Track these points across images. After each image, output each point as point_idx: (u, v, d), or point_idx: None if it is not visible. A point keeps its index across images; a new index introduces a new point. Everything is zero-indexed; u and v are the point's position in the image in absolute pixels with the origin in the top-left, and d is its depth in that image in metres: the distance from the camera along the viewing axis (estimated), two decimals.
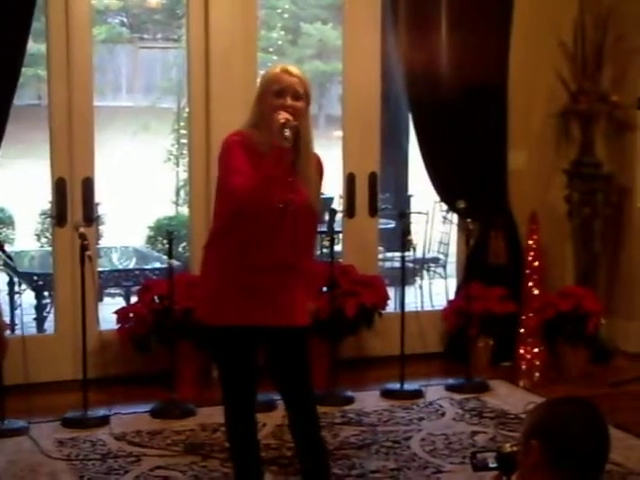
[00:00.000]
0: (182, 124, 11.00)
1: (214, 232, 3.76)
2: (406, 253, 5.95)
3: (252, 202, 3.52)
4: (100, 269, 6.72)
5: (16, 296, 7.27)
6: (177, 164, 11.36)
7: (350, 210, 6.25)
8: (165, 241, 6.70)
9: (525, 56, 6.33)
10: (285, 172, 3.54)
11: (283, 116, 3.51)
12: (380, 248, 6.98)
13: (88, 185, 5.74)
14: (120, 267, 7.93)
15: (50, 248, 6.81)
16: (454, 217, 7.03)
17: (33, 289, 7.13)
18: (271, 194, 3.51)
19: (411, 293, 6.75)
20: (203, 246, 3.81)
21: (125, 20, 15.08)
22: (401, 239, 5.80)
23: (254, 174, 3.49)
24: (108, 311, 6.10)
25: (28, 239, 10.37)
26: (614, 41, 6.35)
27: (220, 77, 5.83)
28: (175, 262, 5.70)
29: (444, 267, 8.48)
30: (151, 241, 10.04)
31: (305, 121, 3.65)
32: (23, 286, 7.40)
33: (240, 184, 3.51)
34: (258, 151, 3.54)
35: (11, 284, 7.40)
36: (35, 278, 7.04)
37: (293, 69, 3.68)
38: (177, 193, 11.24)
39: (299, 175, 3.63)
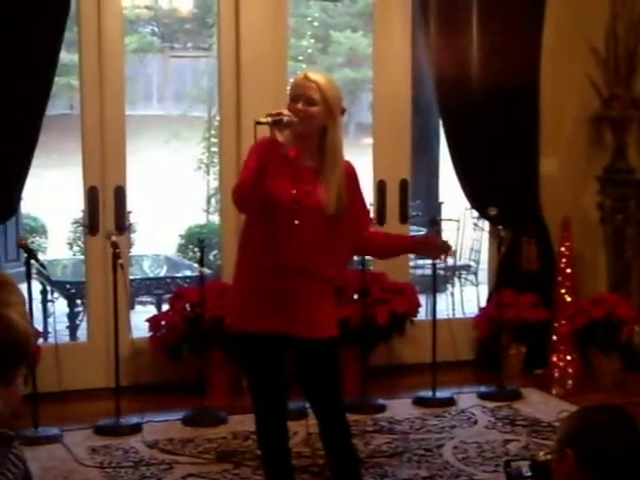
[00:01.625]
0: (213, 132, 11.04)
1: (241, 236, 3.80)
2: (437, 260, 5.91)
3: (246, 193, 3.56)
4: (132, 277, 6.75)
5: (49, 304, 7.32)
6: (208, 172, 11.40)
7: (381, 217, 6.23)
8: (196, 249, 6.72)
9: (557, 61, 6.29)
10: (306, 176, 3.56)
11: (277, 111, 3.54)
12: (411, 255, 6.97)
13: (120, 194, 5.77)
14: (151, 275, 7.96)
15: (82, 256, 6.86)
16: (485, 224, 7.01)
17: (66, 297, 7.17)
18: (262, 185, 3.52)
19: (442, 300, 6.73)
20: (237, 251, 3.85)
21: (156, 29, 15.16)
22: None
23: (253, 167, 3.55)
24: (140, 319, 6.12)
25: (61, 247, 10.43)
26: None
27: (250, 85, 5.84)
28: (206, 270, 5.72)
29: (475, 274, 8.45)
30: (182, 249, 10.07)
31: (332, 129, 3.65)
32: (56, 294, 7.45)
33: (240, 178, 3.63)
34: (280, 153, 3.57)
35: (44, 292, 7.45)
36: (68, 286, 7.08)
37: (313, 75, 3.69)
38: (208, 201, 11.27)
39: (322, 180, 3.63)
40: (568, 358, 6.11)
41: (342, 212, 3.69)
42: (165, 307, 6.12)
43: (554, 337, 6.14)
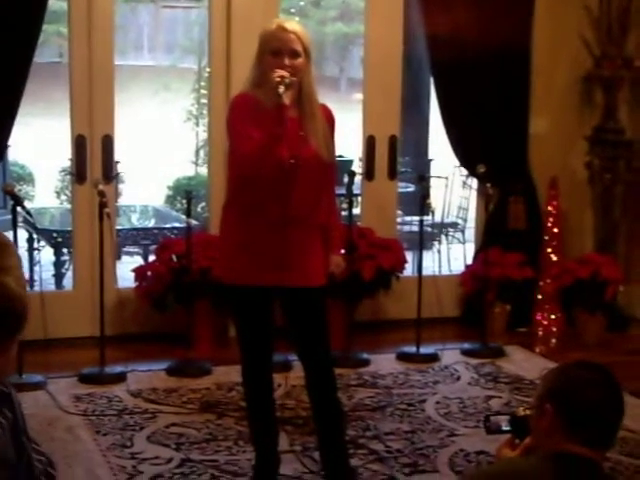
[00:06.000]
0: (203, 84, 10.97)
1: (230, 193, 3.79)
2: (425, 217, 5.94)
3: (260, 164, 3.53)
4: (119, 227, 6.75)
5: (35, 253, 7.31)
6: (197, 124, 11.35)
7: (369, 173, 6.23)
8: (184, 201, 6.70)
9: (549, 20, 6.26)
10: (293, 128, 3.54)
11: (278, 74, 3.52)
12: (399, 212, 6.97)
13: (108, 143, 5.74)
14: (139, 226, 7.95)
15: (69, 205, 6.84)
16: (474, 182, 7.01)
17: (52, 246, 7.17)
18: (277, 152, 3.52)
19: (429, 257, 6.72)
20: (222, 207, 3.83)
21: None
22: (420, 203, 5.79)
23: (259, 136, 3.50)
24: (126, 269, 6.13)
25: (48, 196, 10.41)
26: None
27: (241, 38, 5.79)
28: (193, 221, 5.72)
29: (463, 232, 8.46)
30: (170, 201, 10.05)
31: (306, 75, 3.64)
32: (42, 243, 7.44)
33: (246, 149, 3.54)
34: (263, 110, 3.55)
35: (30, 241, 7.43)
36: (54, 235, 7.07)
37: (289, 25, 3.67)
38: (197, 153, 11.23)
39: (306, 129, 3.63)
40: (552, 317, 6.14)
41: (333, 155, 3.74)
42: (152, 258, 6.12)
43: (539, 296, 6.16)
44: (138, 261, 7.29)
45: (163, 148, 12.04)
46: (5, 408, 1.85)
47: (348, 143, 6.73)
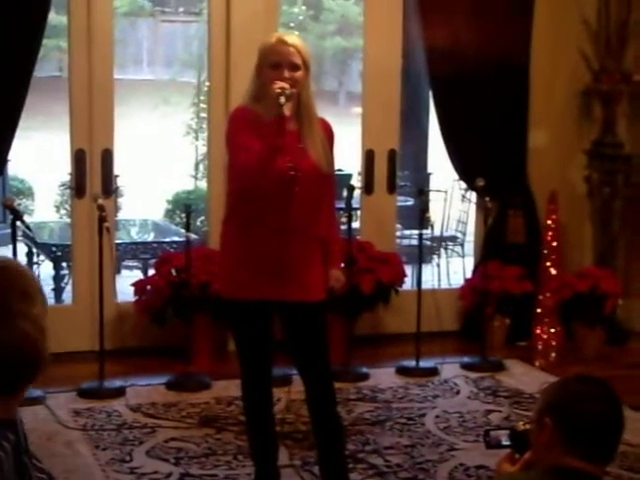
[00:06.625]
0: (202, 98, 11.00)
1: (229, 207, 3.79)
2: (424, 231, 5.95)
3: (259, 175, 3.53)
4: (118, 241, 6.75)
5: (35, 267, 7.31)
6: (196, 138, 11.37)
7: (368, 187, 6.23)
8: (183, 215, 6.71)
9: (548, 33, 6.27)
10: (292, 140, 3.55)
11: (278, 85, 3.52)
12: (398, 225, 6.97)
13: (107, 157, 5.74)
14: (138, 240, 7.95)
15: (69, 219, 6.84)
16: (473, 195, 7.01)
17: (51, 260, 7.17)
18: (277, 164, 3.52)
19: (428, 271, 6.74)
20: (222, 221, 3.83)
21: None
22: (419, 216, 5.79)
23: (259, 147, 3.51)
24: (126, 284, 6.12)
25: (47, 210, 10.41)
26: (638, 20, 6.28)
27: (240, 51, 5.80)
28: (192, 235, 5.72)
29: (462, 245, 8.46)
30: (169, 214, 10.07)
31: (305, 88, 3.66)
32: (42, 257, 7.44)
33: (246, 161, 3.54)
34: (262, 123, 3.55)
35: (30, 255, 7.44)
36: (53, 249, 7.07)
37: (289, 38, 3.68)
38: (196, 167, 11.25)
39: (305, 141, 3.64)
40: (552, 331, 6.13)
41: (332, 168, 3.75)
42: (151, 272, 6.12)
43: (538, 310, 6.16)
44: (137, 275, 7.29)
45: (162, 162, 12.06)
46: (9, 432, 1.83)
47: (347, 157, 6.75)
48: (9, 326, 1.64)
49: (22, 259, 7.08)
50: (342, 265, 4.22)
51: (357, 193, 6.23)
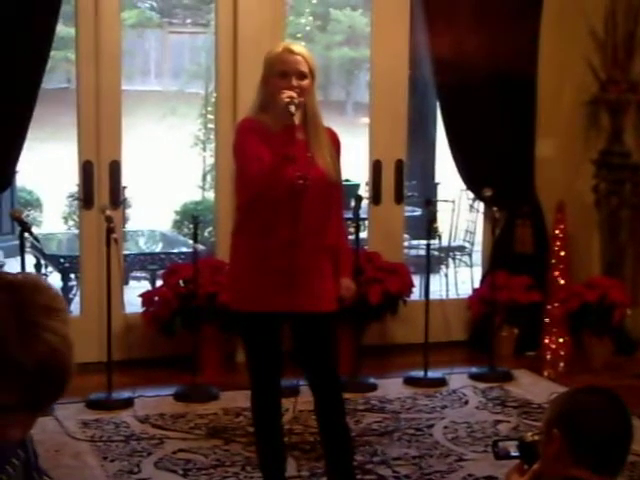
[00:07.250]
0: (210, 109, 11.01)
1: (238, 219, 3.79)
2: (432, 241, 5.94)
3: (270, 185, 3.54)
4: (126, 252, 6.76)
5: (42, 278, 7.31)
6: (204, 149, 11.38)
7: (376, 197, 6.23)
8: (191, 225, 6.72)
9: (555, 44, 6.27)
10: (301, 149, 3.55)
11: (287, 94, 3.53)
12: (406, 236, 6.97)
13: (115, 168, 5.76)
14: (146, 251, 7.96)
15: (77, 231, 6.85)
16: (480, 205, 7.01)
17: (59, 271, 7.18)
18: (287, 173, 3.53)
19: (436, 281, 6.73)
20: (231, 233, 3.83)
21: (155, 5, 15.10)
22: (427, 227, 5.79)
23: (268, 157, 3.51)
24: (133, 294, 6.13)
25: (55, 221, 10.43)
26: None
27: (248, 62, 5.81)
28: (200, 246, 5.73)
29: (470, 255, 8.46)
30: (177, 225, 10.08)
31: (311, 97, 3.67)
32: (50, 268, 7.45)
33: (259, 171, 3.54)
34: (271, 133, 3.56)
35: (38, 266, 7.45)
36: (61, 260, 7.09)
37: (295, 47, 3.70)
38: (204, 178, 11.25)
39: (313, 150, 3.65)
40: (560, 341, 6.12)
41: (340, 177, 3.76)
42: (159, 283, 6.13)
43: (546, 319, 6.15)
44: (145, 286, 7.29)
45: (170, 173, 12.07)
46: (19, 449, 1.83)
47: (355, 167, 6.75)
48: (37, 341, 1.61)
49: (30, 270, 7.08)
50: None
51: (365, 203, 6.23)
